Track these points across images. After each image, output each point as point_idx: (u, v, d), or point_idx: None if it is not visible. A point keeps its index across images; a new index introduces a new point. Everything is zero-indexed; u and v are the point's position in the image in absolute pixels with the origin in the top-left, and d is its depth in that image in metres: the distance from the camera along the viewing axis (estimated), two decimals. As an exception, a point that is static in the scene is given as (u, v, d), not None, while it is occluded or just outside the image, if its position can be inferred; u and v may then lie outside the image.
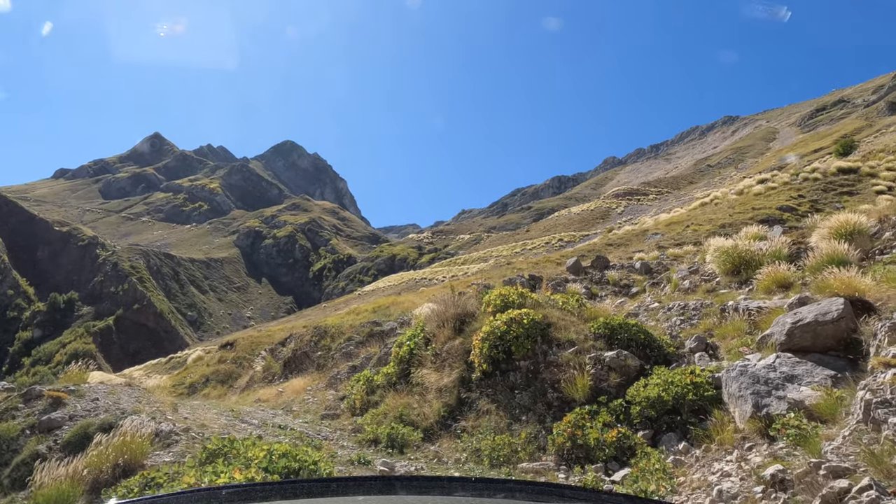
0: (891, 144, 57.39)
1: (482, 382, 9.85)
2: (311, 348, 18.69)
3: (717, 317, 10.06)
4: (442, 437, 9.31)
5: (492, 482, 2.34)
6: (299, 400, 14.00)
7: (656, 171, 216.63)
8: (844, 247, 11.73)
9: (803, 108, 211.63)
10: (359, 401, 11.63)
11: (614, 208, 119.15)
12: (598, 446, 7.37)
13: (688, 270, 17.01)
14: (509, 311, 10.24)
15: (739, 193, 56.10)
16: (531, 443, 8.15)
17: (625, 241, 47.64)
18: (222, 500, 1.77)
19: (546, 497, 1.96)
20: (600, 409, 8.12)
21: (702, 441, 7.01)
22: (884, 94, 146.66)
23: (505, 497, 1.90)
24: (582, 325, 10.06)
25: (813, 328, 7.47)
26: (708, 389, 7.54)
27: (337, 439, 9.87)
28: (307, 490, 1.93)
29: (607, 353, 8.93)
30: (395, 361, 12.04)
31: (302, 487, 1.96)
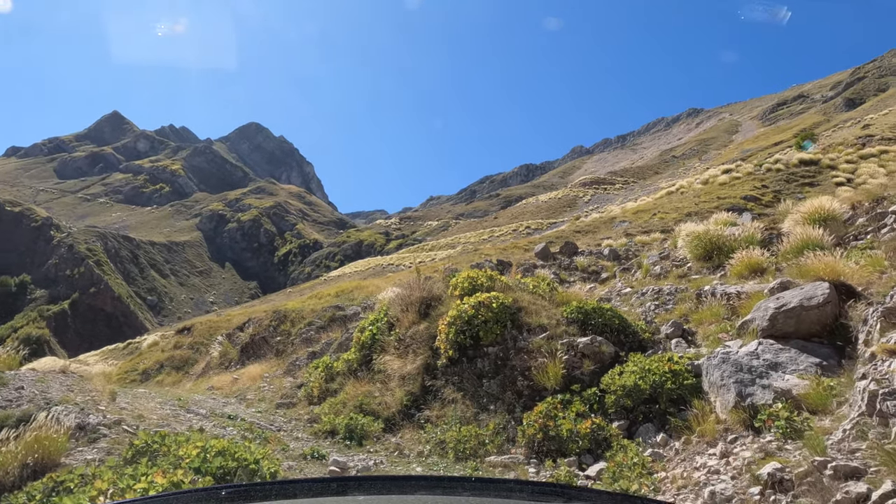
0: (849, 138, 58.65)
1: (448, 369, 9.28)
2: (269, 333, 17.87)
3: (693, 302, 9.67)
4: (404, 428, 8.72)
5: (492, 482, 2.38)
6: (255, 387, 13.24)
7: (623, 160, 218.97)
8: (819, 232, 11.48)
9: (765, 103, 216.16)
10: (317, 389, 10.95)
11: (581, 197, 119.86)
12: (572, 438, 6.87)
13: (658, 256, 16.71)
14: (477, 294, 9.67)
15: (705, 183, 56.66)
16: (499, 434, 7.62)
17: (592, 228, 47.67)
18: (222, 499, 1.77)
19: (546, 497, 1.92)
20: (573, 398, 7.62)
21: (681, 432, 6.57)
22: (841, 91, 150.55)
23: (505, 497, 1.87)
24: (554, 309, 9.54)
25: (797, 313, 7.08)
26: (687, 378, 7.10)
27: (291, 430, 9.19)
28: (307, 490, 1.93)
29: (581, 339, 8.43)
30: (356, 347, 11.37)
31: (302, 487, 1.96)
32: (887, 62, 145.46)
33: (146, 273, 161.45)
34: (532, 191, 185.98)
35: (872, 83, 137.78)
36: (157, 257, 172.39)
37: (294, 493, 1.87)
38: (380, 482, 2.14)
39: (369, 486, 2.04)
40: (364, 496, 1.88)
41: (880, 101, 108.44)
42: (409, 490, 1.98)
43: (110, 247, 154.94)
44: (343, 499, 1.85)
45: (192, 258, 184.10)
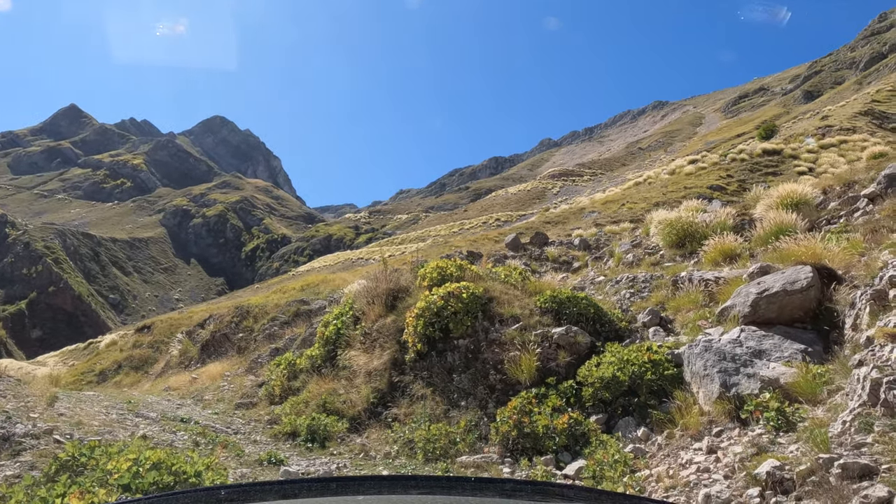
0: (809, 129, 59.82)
1: (416, 364, 8.79)
2: (231, 330, 17.13)
3: (669, 289, 9.35)
4: (371, 428, 8.21)
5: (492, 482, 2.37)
6: (214, 387, 12.56)
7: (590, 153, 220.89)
8: (792, 216, 11.32)
9: (727, 95, 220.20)
10: (278, 387, 10.36)
11: (550, 189, 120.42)
12: (548, 435, 6.46)
13: (630, 244, 16.48)
14: (447, 284, 9.19)
15: (672, 173, 57.19)
16: (471, 432, 7.17)
17: (562, 219, 47.67)
18: (222, 499, 1.76)
19: (546, 497, 1.90)
20: (549, 391, 7.21)
21: (663, 426, 6.21)
22: (800, 84, 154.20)
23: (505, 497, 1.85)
24: (527, 299, 9.12)
25: (780, 298, 6.77)
26: (668, 368, 6.74)
27: (249, 433, 8.59)
28: (307, 490, 1.91)
29: (555, 330, 8.02)
30: (320, 343, 10.80)
31: (302, 487, 1.95)
32: (843, 56, 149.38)
33: (108, 271, 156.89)
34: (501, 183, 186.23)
35: (829, 76, 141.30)
36: (119, 254, 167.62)
37: (294, 493, 1.85)
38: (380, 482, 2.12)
39: (369, 485, 2.02)
40: (364, 496, 1.86)
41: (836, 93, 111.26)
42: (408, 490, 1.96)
43: (69, 244, 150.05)
44: (343, 499, 1.83)
45: (156, 255, 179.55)
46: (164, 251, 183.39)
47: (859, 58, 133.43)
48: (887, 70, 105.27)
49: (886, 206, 9.85)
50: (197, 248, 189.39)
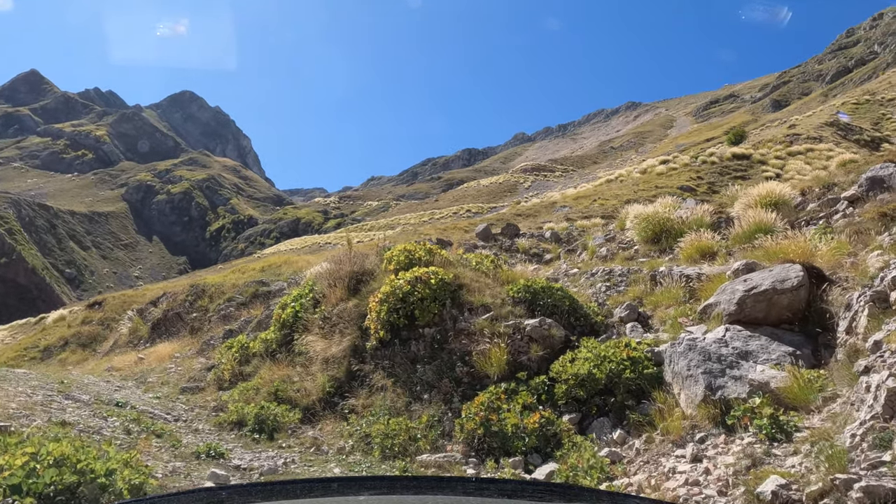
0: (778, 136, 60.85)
1: (378, 353, 8.19)
2: (185, 309, 16.24)
3: (647, 284, 8.93)
4: (325, 419, 7.59)
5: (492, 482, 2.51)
6: (160, 369, 11.76)
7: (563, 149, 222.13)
8: (772, 216, 11.03)
9: (699, 100, 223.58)
10: (228, 372, 9.65)
11: (522, 182, 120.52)
12: (517, 434, 5.94)
13: (604, 238, 16.12)
14: (414, 269, 8.59)
15: (643, 172, 57.54)
16: (434, 428, 6.61)
17: (533, 212, 47.44)
18: (222, 500, 1.79)
19: (546, 497, 1.88)
20: (519, 387, 6.70)
21: (641, 429, 5.75)
22: (769, 93, 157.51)
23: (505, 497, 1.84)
24: (498, 288, 8.59)
25: (769, 297, 6.37)
26: (648, 366, 6.29)
27: (191, 420, 7.89)
28: (307, 490, 1.89)
29: (528, 321, 7.51)
30: (276, 325, 10.11)
31: (302, 487, 1.92)
32: (810, 68, 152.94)
33: (64, 244, 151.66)
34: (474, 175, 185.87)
35: (797, 87, 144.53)
36: (78, 228, 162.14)
37: (294, 493, 1.84)
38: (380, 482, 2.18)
39: (369, 486, 2.01)
40: (364, 496, 1.86)
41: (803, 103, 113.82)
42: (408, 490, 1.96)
43: (24, 215, 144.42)
44: (343, 499, 1.83)
45: (117, 230, 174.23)
46: (124, 227, 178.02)
47: (826, 71, 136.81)
48: (852, 84, 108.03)
49: (869, 209, 9.61)
50: (160, 226, 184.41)
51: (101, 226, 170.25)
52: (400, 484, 2.07)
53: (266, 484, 2.01)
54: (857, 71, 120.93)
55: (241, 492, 1.92)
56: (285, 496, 1.78)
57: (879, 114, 64.58)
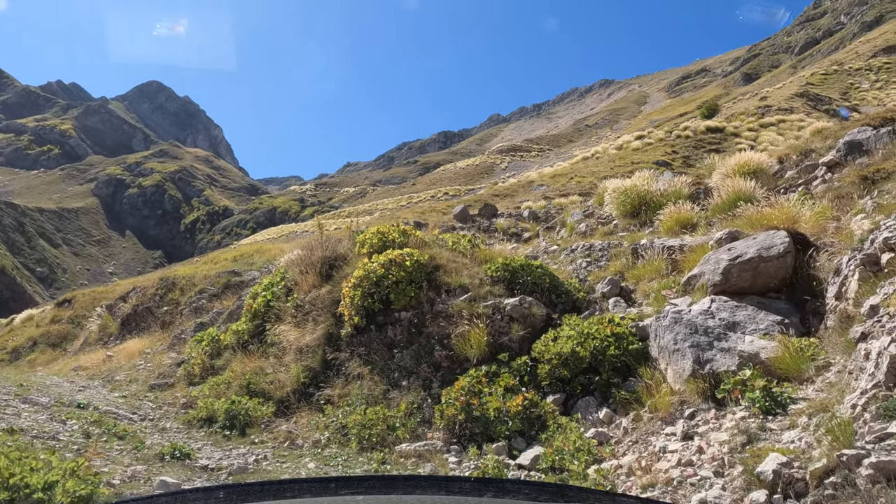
0: (750, 108, 61.29)
1: (353, 340, 7.86)
2: (155, 303, 15.71)
3: (629, 257, 8.71)
4: (300, 411, 7.26)
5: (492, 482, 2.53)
6: (129, 366, 11.30)
7: (538, 129, 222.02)
8: (751, 184, 10.86)
9: (671, 76, 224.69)
10: (198, 366, 9.25)
11: (499, 164, 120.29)
12: (500, 418, 5.68)
13: (583, 214, 15.91)
14: (388, 251, 8.24)
15: (619, 148, 57.62)
16: (413, 416, 6.32)
17: (511, 192, 47.23)
18: (221, 500, 1.76)
19: (546, 497, 1.87)
20: (501, 369, 6.43)
21: (628, 407, 5.52)
22: (739, 66, 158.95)
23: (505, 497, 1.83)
24: (476, 268, 8.29)
25: (755, 265, 6.16)
26: (633, 342, 6.05)
27: (158, 419, 7.50)
28: (307, 489, 1.91)
29: (508, 301, 7.23)
30: (247, 316, 9.72)
31: (302, 487, 1.94)
32: (780, 41, 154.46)
33: (34, 243, 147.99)
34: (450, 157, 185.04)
35: (767, 60, 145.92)
36: (47, 225, 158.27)
37: (294, 493, 1.83)
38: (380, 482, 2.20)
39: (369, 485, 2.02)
40: (364, 496, 1.85)
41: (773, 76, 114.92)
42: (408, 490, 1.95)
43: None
44: (342, 499, 1.82)
45: (88, 226, 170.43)
46: (96, 222, 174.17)
47: (795, 42, 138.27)
48: (820, 55, 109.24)
49: (849, 173, 9.47)
50: (133, 220, 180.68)
51: (71, 222, 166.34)
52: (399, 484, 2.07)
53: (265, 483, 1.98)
54: (825, 42, 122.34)
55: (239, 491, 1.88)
56: (284, 496, 1.78)
57: (847, 83, 65.30)
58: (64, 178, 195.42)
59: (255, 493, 1.82)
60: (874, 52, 76.36)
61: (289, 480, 3.90)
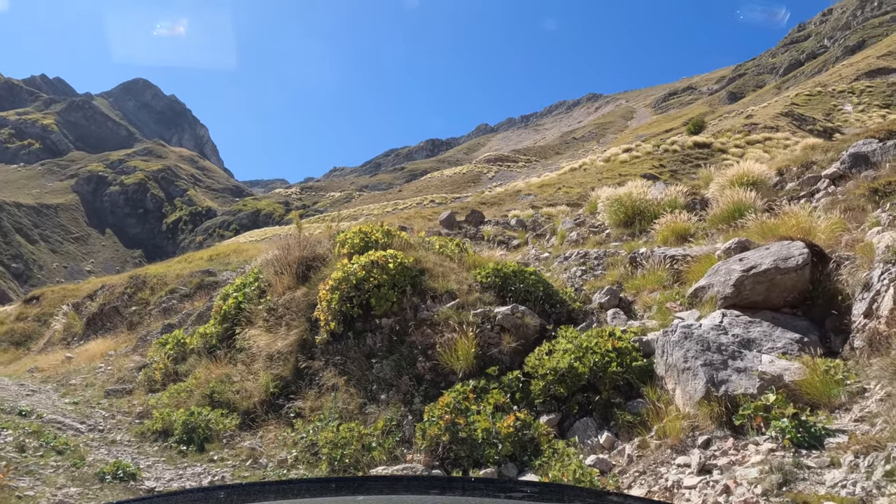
0: (736, 125, 61.73)
1: (329, 347, 7.22)
2: (123, 302, 14.90)
3: (627, 267, 8.18)
4: (267, 424, 6.59)
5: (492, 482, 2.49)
6: (88, 368, 10.53)
7: (526, 140, 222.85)
8: (751, 195, 10.43)
9: (657, 92, 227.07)
10: (160, 371, 8.54)
11: (485, 173, 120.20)
12: (489, 440, 5.07)
13: (574, 222, 15.41)
14: (370, 252, 7.62)
15: (606, 161, 57.66)
16: (391, 434, 5.69)
17: (498, 200, 46.84)
18: (221, 500, 1.76)
19: (547, 497, 1.82)
20: (490, 384, 5.83)
21: (632, 431, 4.95)
22: (725, 85, 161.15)
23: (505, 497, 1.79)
24: (465, 273, 7.70)
25: (770, 278, 5.64)
26: (637, 358, 5.49)
27: (109, 430, 6.79)
28: (307, 490, 1.88)
29: (499, 309, 6.64)
30: (216, 318, 9.03)
31: (302, 487, 1.91)
32: (764, 61, 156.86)
33: (10, 238, 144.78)
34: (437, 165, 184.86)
35: (752, 80, 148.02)
36: (24, 221, 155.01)
37: (294, 493, 1.81)
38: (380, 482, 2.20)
39: (369, 485, 2.00)
40: (364, 496, 1.83)
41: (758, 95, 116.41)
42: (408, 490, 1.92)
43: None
44: (343, 499, 1.79)
45: (67, 223, 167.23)
46: (75, 219, 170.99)
47: (779, 64, 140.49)
48: (804, 77, 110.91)
49: (856, 185, 9.06)
50: (113, 218, 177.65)
51: (49, 218, 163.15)
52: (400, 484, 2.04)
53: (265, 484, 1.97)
54: (809, 64, 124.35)
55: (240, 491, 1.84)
56: (284, 496, 1.75)
57: (831, 105, 66.07)
58: (44, 173, 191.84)
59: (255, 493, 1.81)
60: (857, 76, 77.46)
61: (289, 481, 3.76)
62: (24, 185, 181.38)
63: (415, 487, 1.92)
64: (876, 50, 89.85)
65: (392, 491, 1.87)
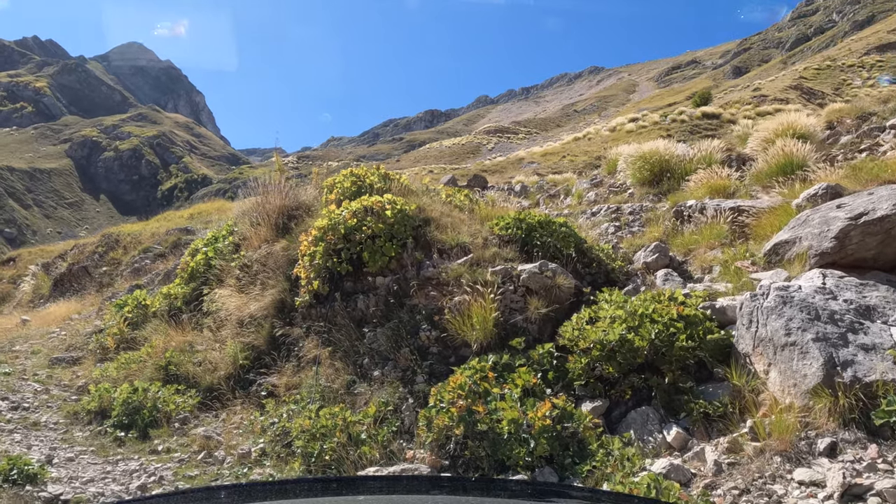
0: (745, 97, 60.05)
1: (311, 311, 5.89)
2: (94, 262, 13.55)
3: (671, 222, 6.83)
4: (232, 405, 5.30)
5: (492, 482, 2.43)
6: (42, 333, 9.23)
7: (526, 112, 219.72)
8: (804, 147, 9.02)
9: (661, 66, 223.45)
10: (114, 337, 7.22)
11: (485, 144, 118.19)
12: (518, 436, 3.77)
13: (590, 183, 14.04)
14: (363, 197, 6.25)
15: (612, 130, 56.15)
16: (386, 423, 4.39)
17: (499, 168, 45.36)
18: (221, 500, 1.72)
19: (547, 497, 1.76)
20: (515, 360, 4.51)
21: (710, 427, 3.65)
22: (730, 59, 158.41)
23: (505, 497, 1.71)
24: (478, 225, 6.34)
25: (887, 228, 4.30)
26: (711, 330, 4.17)
27: (36, 408, 5.49)
28: (307, 490, 1.83)
29: (524, 267, 5.30)
30: (182, 277, 7.69)
31: (302, 487, 1.87)
32: (770, 36, 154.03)
33: (3, 202, 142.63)
34: (436, 136, 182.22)
35: (757, 54, 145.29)
36: (17, 185, 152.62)
37: (294, 493, 1.74)
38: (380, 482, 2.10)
39: (370, 486, 1.94)
40: (364, 496, 1.74)
41: (763, 70, 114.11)
42: (409, 490, 1.83)
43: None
44: (343, 499, 1.72)
45: (60, 188, 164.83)
46: (69, 185, 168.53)
47: (786, 38, 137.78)
48: (811, 52, 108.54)
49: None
50: (108, 184, 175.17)
51: (43, 183, 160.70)
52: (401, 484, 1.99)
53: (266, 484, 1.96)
54: (816, 39, 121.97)
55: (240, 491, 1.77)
56: (285, 496, 1.69)
57: (840, 79, 64.32)
58: (37, 137, 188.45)
59: (256, 493, 1.75)
60: (867, 50, 75.50)
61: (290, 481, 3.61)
62: (16, 150, 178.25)
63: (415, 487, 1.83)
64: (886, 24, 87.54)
65: (392, 491, 1.78)
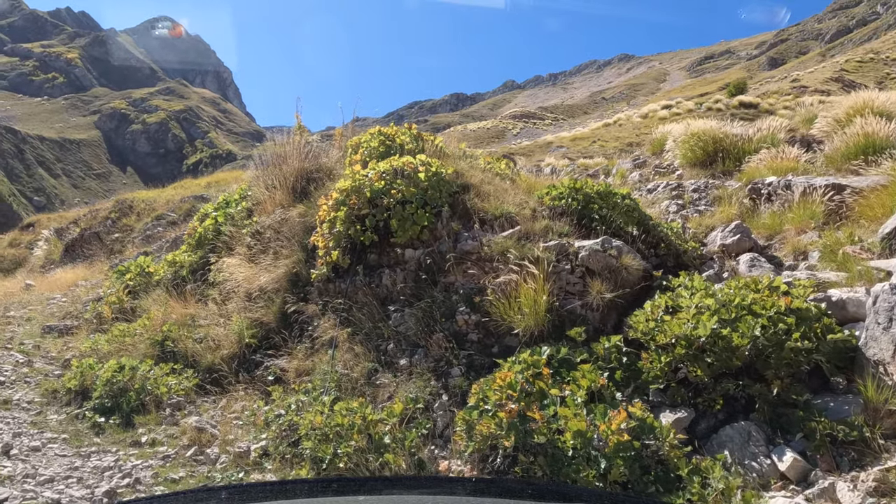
0: (784, 88, 58.01)
1: (330, 286, 5.10)
2: (106, 228, 12.98)
3: (749, 201, 5.90)
4: (233, 390, 4.55)
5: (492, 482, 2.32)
6: (43, 299, 8.64)
7: (553, 98, 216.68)
8: (889, 126, 7.99)
9: (693, 55, 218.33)
10: (111, 307, 6.53)
11: (511, 129, 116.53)
12: (586, 454, 2.94)
13: (633, 163, 13.07)
14: (392, 158, 5.42)
15: (644, 117, 54.67)
16: (415, 424, 3.61)
17: (527, 151, 44.24)
18: (222, 500, 1.71)
19: (547, 497, 1.75)
20: (575, 354, 3.67)
21: (842, 452, 2.80)
22: (765, 50, 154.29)
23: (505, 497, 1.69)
24: (523, 195, 5.49)
25: None
26: (832, 328, 3.29)
27: (12, 383, 4.81)
28: (307, 490, 1.81)
29: (583, 243, 4.44)
30: (189, 244, 6.96)
31: (302, 487, 1.84)
32: (809, 27, 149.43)
33: (33, 171, 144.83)
34: (461, 120, 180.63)
35: (794, 45, 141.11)
36: (48, 155, 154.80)
37: (294, 493, 1.74)
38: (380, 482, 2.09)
39: (370, 486, 1.90)
40: (364, 496, 1.73)
41: (800, 62, 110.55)
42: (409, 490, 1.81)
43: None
44: (343, 499, 1.72)
45: (89, 159, 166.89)
46: (97, 156, 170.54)
47: (826, 30, 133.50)
48: (851, 45, 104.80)
49: None
50: (134, 157, 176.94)
51: (72, 153, 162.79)
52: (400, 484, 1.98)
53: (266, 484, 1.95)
54: (858, 31, 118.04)
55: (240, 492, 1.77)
56: (285, 496, 1.68)
57: (883, 73, 61.79)
58: (67, 107, 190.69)
59: (256, 493, 1.74)
60: (912, 43, 72.57)
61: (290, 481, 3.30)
62: (47, 119, 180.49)
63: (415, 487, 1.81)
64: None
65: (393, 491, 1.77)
